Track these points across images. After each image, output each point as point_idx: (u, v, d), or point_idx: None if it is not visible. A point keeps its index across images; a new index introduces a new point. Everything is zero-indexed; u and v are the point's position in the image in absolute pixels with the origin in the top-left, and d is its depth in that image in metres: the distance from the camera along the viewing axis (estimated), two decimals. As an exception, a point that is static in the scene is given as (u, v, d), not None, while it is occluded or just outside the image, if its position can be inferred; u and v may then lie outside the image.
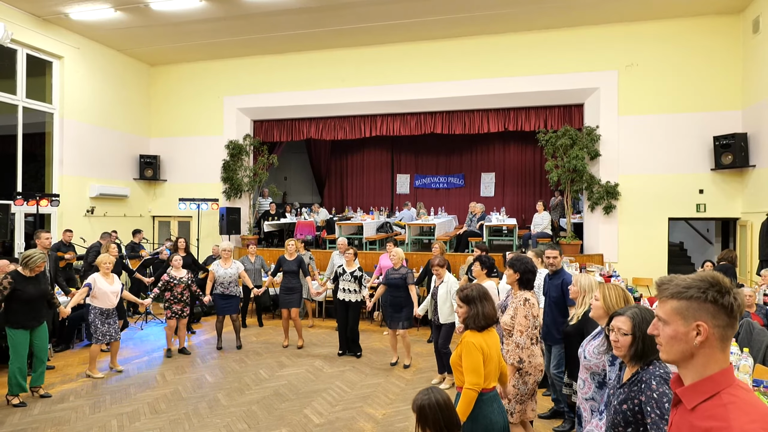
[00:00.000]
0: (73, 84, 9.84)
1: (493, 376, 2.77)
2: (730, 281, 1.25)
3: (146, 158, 11.54)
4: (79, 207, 9.93)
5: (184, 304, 6.62)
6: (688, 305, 1.25)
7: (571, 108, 9.91)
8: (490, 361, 2.72)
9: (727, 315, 1.22)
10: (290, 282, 6.95)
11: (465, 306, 2.82)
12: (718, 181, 8.81)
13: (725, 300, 1.22)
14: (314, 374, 5.88)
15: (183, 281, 6.58)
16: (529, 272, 3.56)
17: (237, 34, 10.06)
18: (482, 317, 2.78)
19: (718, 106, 8.80)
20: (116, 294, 5.81)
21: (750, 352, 4.42)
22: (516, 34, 9.74)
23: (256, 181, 11.40)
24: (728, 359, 1.24)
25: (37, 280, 4.93)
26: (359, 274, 6.53)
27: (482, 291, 2.85)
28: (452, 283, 5.34)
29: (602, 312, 2.67)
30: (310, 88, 10.89)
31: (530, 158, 13.96)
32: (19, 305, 4.77)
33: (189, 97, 11.76)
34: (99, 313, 5.66)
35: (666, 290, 1.30)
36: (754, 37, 8.23)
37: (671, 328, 1.27)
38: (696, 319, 1.23)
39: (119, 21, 9.25)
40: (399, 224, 11.84)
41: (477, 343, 2.70)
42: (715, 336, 1.22)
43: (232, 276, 6.87)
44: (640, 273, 8.96)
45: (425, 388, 2.31)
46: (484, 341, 2.74)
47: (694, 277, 1.28)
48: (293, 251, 7.09)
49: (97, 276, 5.71)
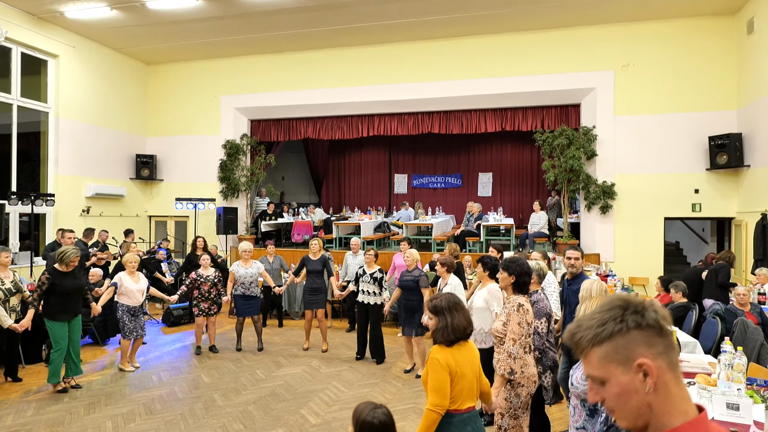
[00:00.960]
0: (68, 83, 9.80)
1: (467, 395, 2.50)
2: (639, 298, 1.05)
3: (143, 158, 11.50)
4: (75, 207, 9.89)
5: (212, 302, 6.66)
6: (614, 346, 0.99)
7: (568, 108, 9.93)
8: (460, 379, 2.46)
9: (660, 335, 0.99)
10: (315, 282, 6.74)
11: (434, 318, 2.57)
12: (713, 181, 8.85)
13: (648, 318, 0.99)
14: (311, 374, 5.87)
15: (210, 279, 6.63)
16: (525, 275, 3.30)
17: (234, 34, 10.04)
18: (451, 330, 2.50)
19: (714, 107, 8.84)
20: (142, 292, 5.97)
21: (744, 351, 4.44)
22: (513, 34, 9.75)
23: (253, 180, 11.38)
24: (689, 396, 0.99)
25: (73, 275, 5.22)
26: (379, 275, 6.29)
27: (453, 301, 2.59)
28: (456, 285, 5.18)
29: None
30: (308, 88, 10.88)
31: (527, 158, 13.99)
32: (56, 299, 5.07)
33: (186, 97, 11.73)
34: (126, 310, 5.88)
35: (581, 340, 1.03)
36: (748, 37, 8.27)
37: (613, 384, 1.00)
38: (632, 357, 0.98)
39: (115, 19, 9.22)
40: (396, 224, 11.84)
41: (443, 360, 2.45)
42: (664, 368, 0.97)
43: (253, 276, 6.76)
44: (637, 272, 9.00)
45: (371, 403, 2.17)
46: (453, 357, 2.48)
47: (600, 308, 1.05)
48: (318, 250, 6.88)
49: (122, 275, 5.92)
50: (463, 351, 2.54)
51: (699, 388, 3.17)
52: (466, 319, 2.57)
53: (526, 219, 11.77)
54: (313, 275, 6.78)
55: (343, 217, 12.15)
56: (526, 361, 3.19)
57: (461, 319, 2.54)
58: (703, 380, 3.27)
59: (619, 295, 1.06)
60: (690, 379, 3.45)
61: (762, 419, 2.58)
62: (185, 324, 8.57)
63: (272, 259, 8.11)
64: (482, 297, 4.31)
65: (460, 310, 2.56)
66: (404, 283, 5.79)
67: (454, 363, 2.46)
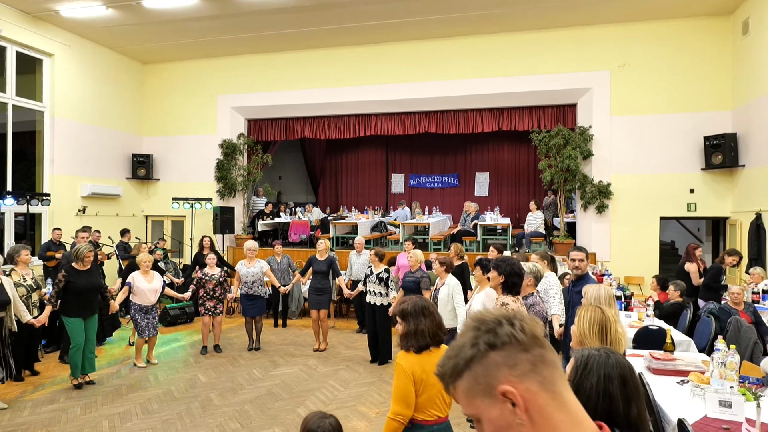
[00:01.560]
0: (63, 82, 9.76)
1: (436, 405, 2.38)
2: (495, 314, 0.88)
3: (139, 157, 11.47)
4: (71, 206, 9.86)
5: (217, 301, 6.67)
6: (473, 375, 0.83)
7: (565, 108, 9.96)
8: (428, 387, 2.34)
9: (523, 350, 0.82)
10: (320, 282, 6.78)
11: (401, 322, 2.45)
12: (708, 181, 8.89)
13: (501, 335, 0.83)
14: (308, 373, 5.88)
15: (215, 278, 6.64)
16: (515, 275, 3.17)
17: (231, 33, 10.02)
18: (419, 336, 2.38)
19: (709, 107, 8.89)
20: (155, 291, 6.07)
21: (738, 349, 4.48)
22: (509, 34, 9.78)
23: (250, 180, 11.37)
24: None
25: (89, 273, 5.33)
26: (385, 275, 6.21)
27: (422, 305, 2.46)
28: (453, 285, 5.14)
29: (577, 340, 2.27)
30: (305, 87, 10.87)
31: (524, 158, 14.03)
32: (72, 296, 5.19)
33: (182, 96, 11.70)
34: (139, 309, 5.99)
35: (444, 375, 0.88)
36: (743, 38, 8.32)
37: (485, 421, 0.83)
38: (493, 385, 0.81)
39: (111, 18, 9.19)
40: (393, 223, 11.85)
41: (408, 366, 2.33)
42: (535, 390, 0.80)
43: (256, 275, 6.74)
44: (632, 272, 9.04)
45: (320, 412, 2.13)
46: (420, 364, 2.35)
47: (461, 335, 0.89)
48: (324, 251, 6.87)
49: (136, 274, 6.04)
50: (434, 358, 2.38)
51: (692, 386, 3.20)
52: (435, 324, 2.43)
53: (523, 218, 11.79)
54: (319, 275, 6.79)
55: (340, 216, 12.16)
56: None
57: (429, 324, 2.40)
58: (697, 378, 3.30)
59: (475, 314, 0.89)
60: (684, 377, 3.48)
61: (753, 416, 2.60)
62: (182, 324, 8.58)
63: (280, 258, 8.05)
64: (480, 300, 4.22)
65: (428, 315, 2.43)
66: (405, 284, 5.79)
67: (421, 371, 2.33)
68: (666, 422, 2.93)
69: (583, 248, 4.23)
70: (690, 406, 3.00)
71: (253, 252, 6.85)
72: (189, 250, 10.75)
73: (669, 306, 5.52)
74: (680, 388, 3.33)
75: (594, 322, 2.22)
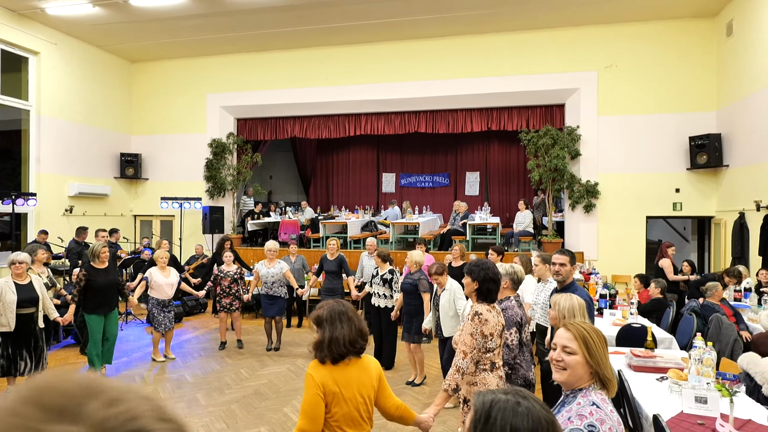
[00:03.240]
0: (50, 80, 9.67)
1: (350, 422, 2.13)
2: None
3: (127, 156, 11.39)
4: (58, 206, 9.77)
5: (233, 298, 6.73)
6: None
7: (553, 108, 10.04)
8: (340, 402, 2.10)
9: None
10: (330, 283, 6.68)
11: (317, 330, 2.19)
12: (693, 181, 9.01)
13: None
14: (296, 373, 5.88)
15: (230, 275, 6.70)
16: (490, 281, 2.87)
17: (220, 31, 9.99)
18: (334, 344, 2.11)
19: (694, 107, 9.00)
20: (171, 286, 6.21)
21: (718, 346, 4.55)
22: (498, 34, 9.83)
23: (239, 179, 11.33)
24: None
25: (107, 272, 5.54)
26: (389, 277, 5.88)
27: (339, 310, 2.20)
28: (455, 289, 4.80)
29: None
30: (295, 87, 10.86)
31: (514, 157, 14.09)
32: (92, 294, 5.41)
33: (171, 95, 11.64)
34: (156, 304, 6.15)
35: None
36: (727, 40, 8.43)
37: None
38: None
39: (98, 16, 9.11)
40: (384, 223, 11.87)
41: (319, 378, 2.10)
42: None
43: (275, 276, 6.66)
44: (619, 270, 9.13)
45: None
46: (333, 376, 2.11)
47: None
48: (335, 250, 6.73)
49: (153, 270, 6.22)
50: (352, 370, 2.15)
51: (671, 382, 3.25)
52: (355, 330, 2.15)
53: (513, 218, 11.87)
54: (330, 276, 6.69)
55: (331, 216, 12.15)
56: (484, 380, 2.80)
57: (347, 332, 2.13)
58: (675, 375, 3.35)
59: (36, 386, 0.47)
60: (663, 374, 3.53)
61: (728, 412, 2.65)
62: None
63: (294, 258, 7.93)
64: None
65: (346, 321, 2.15)
66: (404, 286, 5.58)
67: (333, 383, 2.10)
68: (644, 418, 2.97)
69: (567, 251, 3.70)
70: (668, 402, 3.06)
71: (273, 253, 6.75)
72: (178, 250, 10.70)
73: (649, 303, 5.60)
74: (659, 384, 3.39)
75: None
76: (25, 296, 4.74)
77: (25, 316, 4.74)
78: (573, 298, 2.74)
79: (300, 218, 11.88)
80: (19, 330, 4.71)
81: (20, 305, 4.69)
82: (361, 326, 2.20)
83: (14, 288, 4.70)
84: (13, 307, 4.65)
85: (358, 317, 2.22)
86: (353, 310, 2.24)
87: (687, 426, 2.69)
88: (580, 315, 2.65)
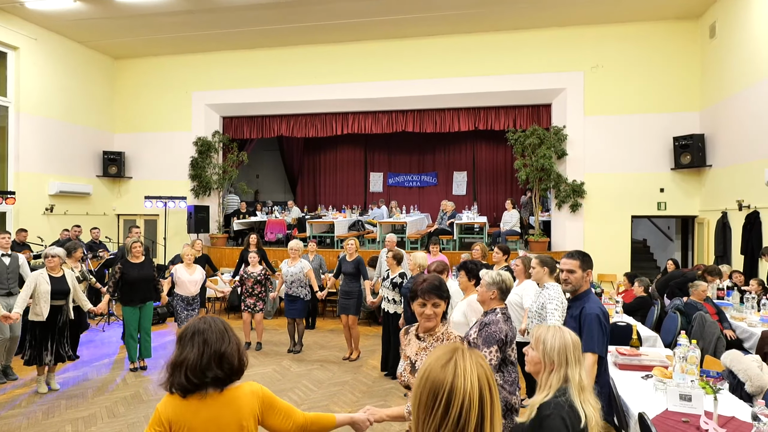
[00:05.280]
0: (29, 76, 9.44)
1: None
2: None
3: (110, 154, 11.18)
4: (38, 205, 9.55)
5: (257, 299, 6.69)
6: None
7: (540, 108, 10.09)
8: None
9: None
10: (347, 285, 6.32)
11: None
12: (677, 180, 9.12)
13: None
14: (281, 373, 5.81)
15: (254, 276, 6.66)
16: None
17: (206, 29, 9.85)
18: (176, 371, 1.64)
19: (678, 108, 9.11)
20: (195, 283, 6.24)
21: (702, 344, 4.59)
22: (486, 34, 9.85)
23: (225, 178, 11.19)
24: None
25: (141, 266, 5.80)
26: (399, 280, 5.52)
27: (198, 329, 1.71)
28: (454, 291, 4.41)
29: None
30: (281, 85, 10.76)
31: (501, 157, 14.15)
32: (126, 287, 5.73)
33: (155, 92, 11.45)
34: (180, 300, 6.22)
35: None
36: (710, 41, 8.55)
37: None
38: None
39: (79, 11, 8.92)
40: (371, 222, 11.83)
41: (163, 414, 1.65)
42: None
43: (294, 275, 6.47)
44: (606, 269, 9.20)
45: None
46: (180, 413, 1.64)
47: None
48: (353, 251, 6.39)
49: (179, 266, 6.32)
50: (208, 408, 1.66)
51: (656, 380, 3.26)
52: (207, 357, 1.65)
53: (501, 217, 11.93)
54: (347, 278, 6.33)
55: (318, 215, 12.07)
56: None
57: (195, 357, 1.64)
58: (660, 373, 3.36)
59: None
60: (648, 372, 3.55)
61: (711, 409, 2.66)
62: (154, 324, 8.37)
63: (312, 257, 7.56)
64: (461, 310, 3.74)
65: (199, 343, 1.67)
66: (403, 292, 5.30)
67: (182, 422, 1.64)
68: (629, 417, 2.97)
69: (578, 253, 3.05)
70: (653, 400, 3.06)
71: (296, 252, 6.56)
72: (162, 250, 10.53)
73: (634, 301, 5.65)
74: (644, 382, 3.40)
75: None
76: (57, 288, 5.07)
77: (55, 307, 5.09)
78: (565, 335, 1.86)
79: (286, 218, 11.78)
80: (49, 320, 5.02)
81: (52, 297, 5.03)
82: (222, 351, 1.66)
83: (48, 279, 5.04)
84: (47, 297, 4.99)
85: (223, 340, 1.70)
86: (221, 331, 1.72)
87: (672, 424, 2.69)
88: (574, 359, 1.81)
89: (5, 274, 5.70)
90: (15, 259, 5.87)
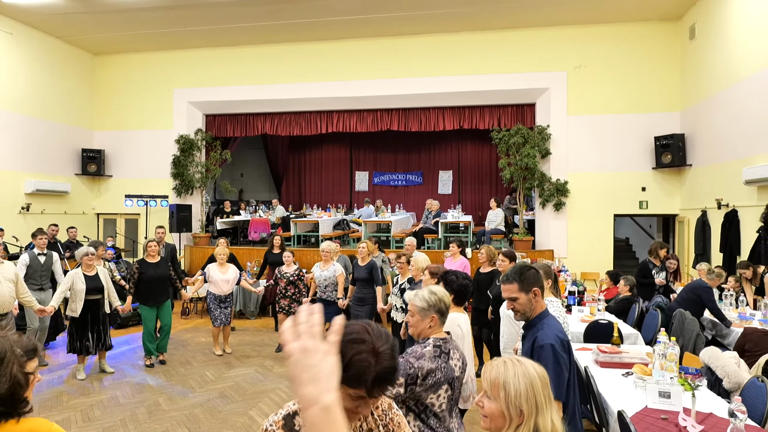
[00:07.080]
0: (4, 71, 9.19)
1: None
2: None
3: (89, 152, 10.94)
4: (13, 204, 9.30)
5: (291, 300, 6.52)
6: None
7: (524, 107, 10.13)
8: None
9: None
10: (360, 291, 5.82)
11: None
12: (659, 179, 9.24)
13: None
14: (263, 374, 5.73)
15: (286, 276, 6.50)
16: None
17: (188, 25, 9.69)
18: None
19: (659, 108, 9.23)
20: (227, 282, 6.34)
21: (682, 341, 4.64)
22: (471, 33, 9.86)
23: (208, 177, 11.03)
24: None
25: (157, 266, 5.95)
26: (407, 286, 5.01)
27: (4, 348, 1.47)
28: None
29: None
30: (265, 83, 10.64)
31: (486, 156, 14.21)
32: (143, 286, 5.87)
33: (137, 89, 11.24)
34: (213, 299, 6.34)
35: None
36: (690, 43, 8.67)
37: None
38: None
39: (57, 6, 8.70)
40: (356, 221, 11.77)
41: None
42: None
43: (328, 279, 6.07)
44: (588, 268, 9.29)
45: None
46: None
47: None
48: (366, 254, 5.86)
49: (212, 265, 6.45)
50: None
51: (636, 377, 3.27)
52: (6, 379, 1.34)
53: (485, 216, 11.96)
54: (360, 283, 5.80)
55: (303, 214, 11.97)
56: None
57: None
58: (640, 370, 3.37)
59: None
60: (628, 370, 3.56)
61: (690, 406, 2.67)
62: (134, 326, 8.22)
63: (336, 258, 7.13)
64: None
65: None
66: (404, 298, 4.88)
67: None
68: (609, 414, 2.98)
69: (511, 274, 2.37)
70: (633, 397, 3.07)
71: (328, 254, 6.11)
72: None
73: (619, 302, 5.67)
74: (624, 380, 3.41)
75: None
76: (91, 285, 5.46)
77: (91, 301, 5.47)
78: (528, 369, 1.39)
79: (271, 217, 11.66)
80: (85, 315, 5.41)
81: (88, 292, 5.42)
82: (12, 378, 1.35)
83: (83, 278, 5.40)
84: (82, 296, 5.35)
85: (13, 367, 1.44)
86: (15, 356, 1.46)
87: (651, 421, 2.69)
88: (544, 401, 1.37)
89: (40, 271, 6.13)
90: (50, 258, 6.27)
